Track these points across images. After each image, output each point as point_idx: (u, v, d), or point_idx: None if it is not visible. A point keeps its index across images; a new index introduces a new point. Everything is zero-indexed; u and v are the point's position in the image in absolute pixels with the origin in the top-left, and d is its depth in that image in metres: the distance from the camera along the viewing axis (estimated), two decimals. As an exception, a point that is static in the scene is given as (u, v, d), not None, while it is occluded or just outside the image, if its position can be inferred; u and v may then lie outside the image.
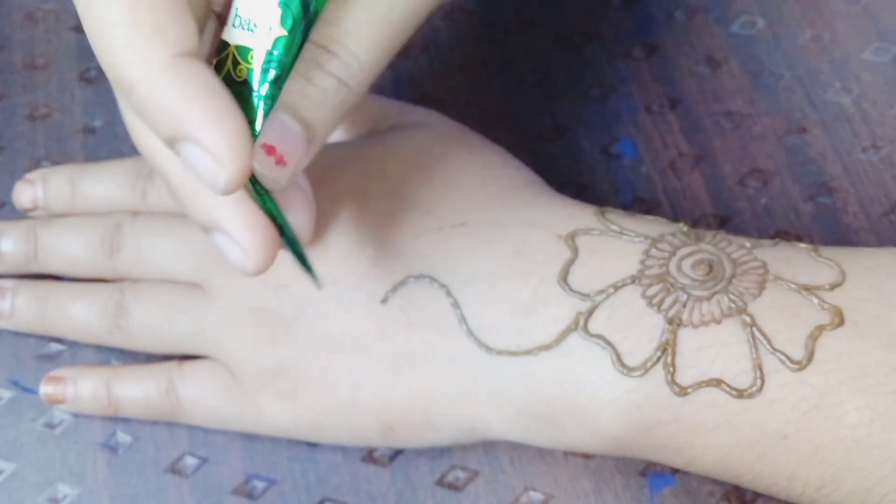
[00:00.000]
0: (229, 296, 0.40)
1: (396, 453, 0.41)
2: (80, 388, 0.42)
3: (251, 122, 0.29)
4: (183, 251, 0.42)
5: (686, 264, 0.36)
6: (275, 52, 0.29)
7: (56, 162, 0.48)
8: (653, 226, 0.38)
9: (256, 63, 0.29)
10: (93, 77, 0.51)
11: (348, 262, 0.39)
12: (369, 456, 0.41)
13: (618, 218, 0.38)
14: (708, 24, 0.50)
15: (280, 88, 0.30)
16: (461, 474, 0.41)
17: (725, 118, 0.48)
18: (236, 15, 0.30)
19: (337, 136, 0.43)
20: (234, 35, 0.30)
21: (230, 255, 0.31)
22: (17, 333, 0.44)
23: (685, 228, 0.38)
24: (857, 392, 0.33)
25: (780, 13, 0.50)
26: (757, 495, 0.39)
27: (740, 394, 0.34)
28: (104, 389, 0.42)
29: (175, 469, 0.41)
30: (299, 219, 0.34)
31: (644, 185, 0.46)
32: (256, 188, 0.31)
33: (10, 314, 0.44)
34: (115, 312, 0.42)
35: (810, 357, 0.33)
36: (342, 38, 0.31)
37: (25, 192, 0.45)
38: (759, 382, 0.34)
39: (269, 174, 0.30)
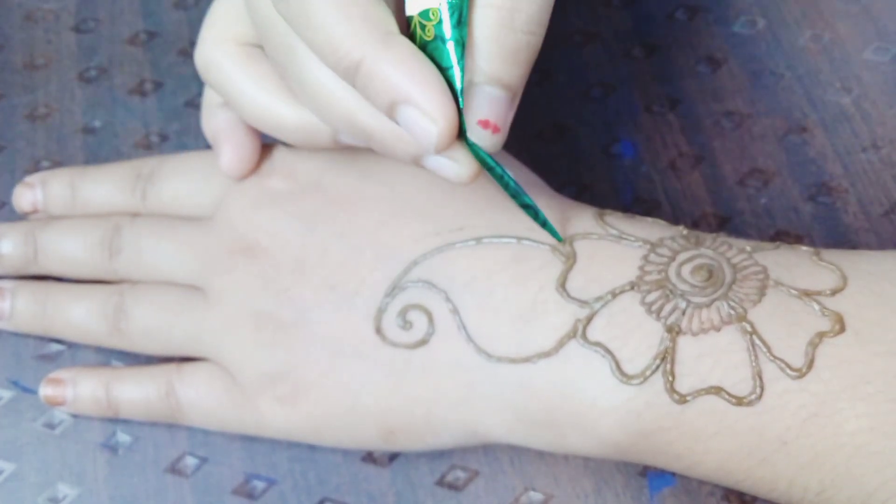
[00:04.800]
0: (229, 299, 0.40)
1: (396, 453, 0.41)
2: (80, 390, 0.42)
3: (449, 67, 0.32)
4: (183, 253, 0.42)
5: (685, 270, 0.36)
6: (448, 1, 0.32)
7: (56, 162, 0.48)
8: (652, 229, 0.38)
9: (438, 17, 0.32)
10: (93, 77, 0.51)
11: (346, 268, 0.39)
12: (369, 456, 0.41)
13: (617, 221, 0.38)
14: (708, 24, 0.50)
15: (464, 28, 0.32)
16: (461, 474, 0.41)
17: (725, 118, 0.48)
18: None
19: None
20: (413, 5, 0.33)
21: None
22: (17, 333, 0.44)
23: (685, 232, 0.38)
24: (857, 400, 0.33)
25: (780, 13, 0.50)
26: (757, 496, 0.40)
27: (739, 401, 0.34)
28: (103, 392, 0.42)
29: (175, 469, 0.41)
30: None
31: (644, 185, 0.46)
32: (477, 151, 0.34)
33: (10, 316, 0.44)
34: (115, 315, 0.42)
35: (810, 364, 0.33)
36: None
37: (25, 196, 0.45)
38: (758, 390, 0.34)
39: (488, 143, 0.33)
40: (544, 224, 0.35)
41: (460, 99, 0.32)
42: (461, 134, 0.33)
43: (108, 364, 0.44)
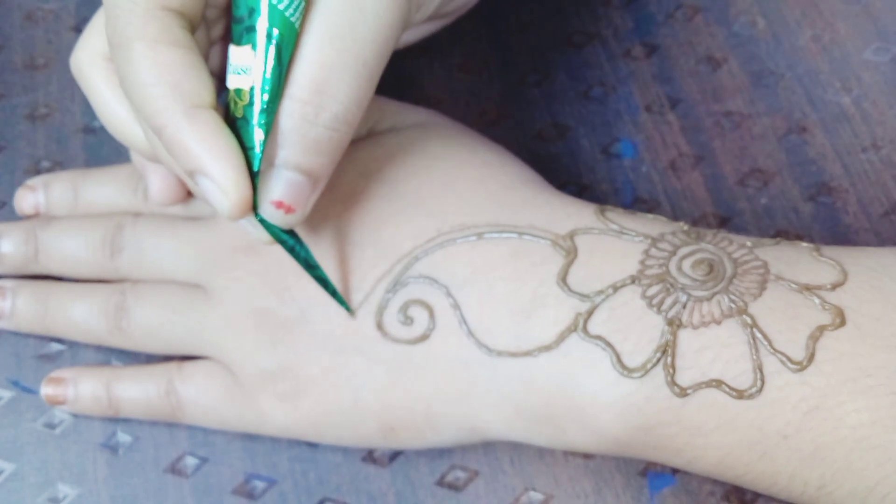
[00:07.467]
0: (230, 297, 0.40)
1: (396, 453, 0.41)
2: (81, 389, 0.42)
3: (251, 148, 0.34)
4: (184, 252, 0.42)
5: (686, 264, 0.36)
6: (260, 88, 0.34)
7: (56, 162, 0.48)
8: (653, 225, 0.38)
9: (248, 99, 0.34)
10: (93, 77, 0.51)
11: (348, 265, 0.39)
12: (369, 456, 0.41)
13: (617, 216, 0.38)
14: (708, 24, 0.50)
15: (271, 114, 0.34)
16: (461, 474, 0.41)
17: (725, 118, 0.48)
18: (230, 64, 0.35)
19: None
20: (231, 81, 0.35)
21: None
22: (17, 333, 0.45)
23: (685, 227, 0.38)
24: (857, 393, 0.33)
25: (780, 13, 0.50)
26: (757, 495, 0.39)
27: (740, 395, 0.34)
28: (104, 391, 0.42)
29: (175, 469, 0.41)
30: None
31: (644, 185, 0.46)
32: (268, 226, 0.36)
33: (11, 315, 0.44)
34: (116, 313, 0.42)
35: (811, 358, 0.33)
36: (325, 90, 0.34)
37: (27, 199, 0.45)
38: (759, 383, 0.34)
39: (280, 222, 0.35)
40: (334, 294, 0.38)
41: (256, 179, 0.34)
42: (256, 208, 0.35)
43: (109, 364, 0.44)
